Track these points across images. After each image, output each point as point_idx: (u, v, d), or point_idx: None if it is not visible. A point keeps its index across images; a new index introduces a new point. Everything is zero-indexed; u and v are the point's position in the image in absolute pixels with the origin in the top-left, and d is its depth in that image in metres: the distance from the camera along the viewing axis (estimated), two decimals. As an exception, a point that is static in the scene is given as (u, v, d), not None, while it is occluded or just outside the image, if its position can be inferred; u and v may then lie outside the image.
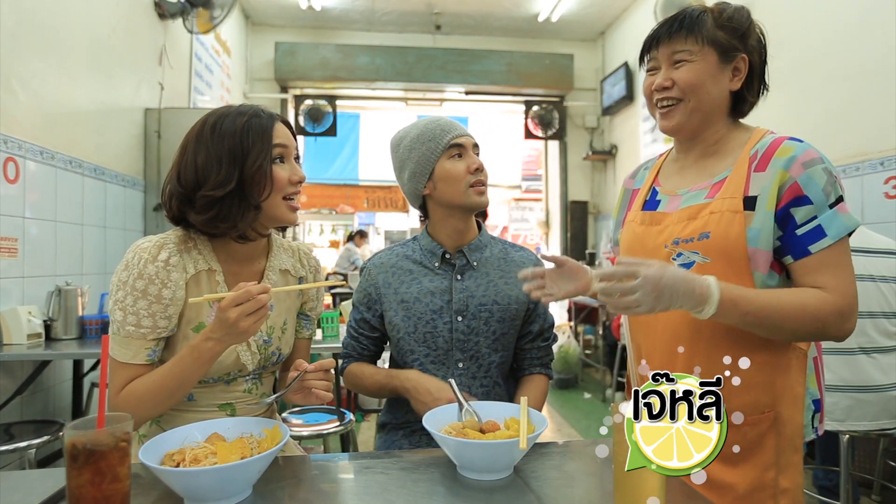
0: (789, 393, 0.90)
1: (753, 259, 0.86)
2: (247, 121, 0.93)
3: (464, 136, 1.18)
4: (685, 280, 0.79)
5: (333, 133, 5.62)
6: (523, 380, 1.26)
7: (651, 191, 1.04)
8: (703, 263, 0.89)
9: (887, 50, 2.60)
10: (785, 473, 0.89)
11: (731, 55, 0.91)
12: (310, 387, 0.92)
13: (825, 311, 0.83)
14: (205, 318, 0.95)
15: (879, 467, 2.29)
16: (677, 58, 0.92)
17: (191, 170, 0.92)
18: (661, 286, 0.76)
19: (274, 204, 0.95)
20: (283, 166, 0.96)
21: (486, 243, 1.25)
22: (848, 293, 0.84)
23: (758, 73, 0.94)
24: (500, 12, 5.41)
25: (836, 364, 1.76)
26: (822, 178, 0.85)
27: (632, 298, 0.77)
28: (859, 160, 2.74)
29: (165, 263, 0.91)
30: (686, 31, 0.91)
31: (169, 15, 3.55)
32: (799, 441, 0.92)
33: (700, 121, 0.94)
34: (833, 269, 0.85)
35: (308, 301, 1.13)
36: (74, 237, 2.66)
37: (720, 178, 0.93)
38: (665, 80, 0.93)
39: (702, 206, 0.91)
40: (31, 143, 2.32)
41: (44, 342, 2.13)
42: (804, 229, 0.85)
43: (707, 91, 0.92)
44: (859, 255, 1.78)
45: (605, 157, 5.79)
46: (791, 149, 0.87)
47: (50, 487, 0.74)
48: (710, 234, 0.88)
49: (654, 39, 0.95)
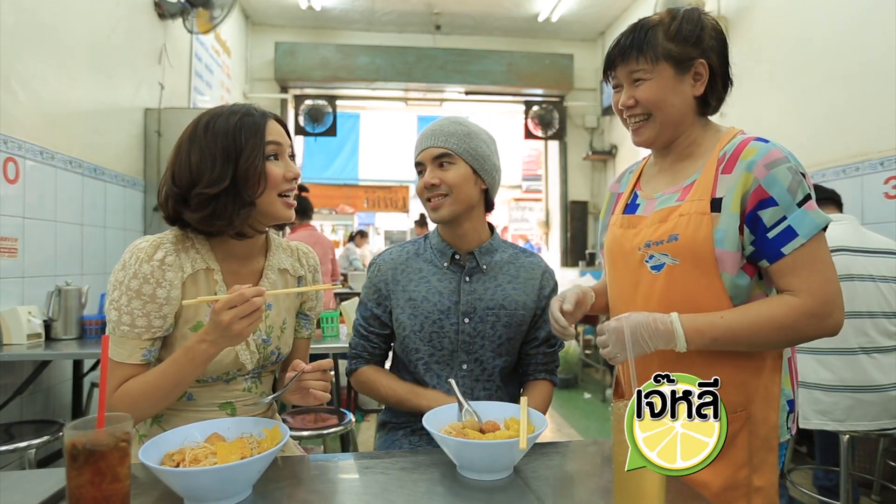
0: (763, 393, 0.91)
1: (721, 260, 0.87)
2: (239, 119, 0.93)
3: (422, 153, 1.19)
4: (646, 323, 0.85)
5: (333, 133, 5.62)
6: (528, 385, 1.26)
7: (632, 195, 1.06)
8: (672, 265, 0.90)
9: (887, 50, 2.60)
10: (759, 472, 0.90)
11: (686, 64, 0.92)
12: (307, 387, 0.92)
13: (794, 317, 0.84)
14: (203, 317, 0.95)
15: (879, 467, 2.29)
16: (635, 77, 0.94)
17: (185, 169, 0.92)
18: (622, 336, 0.84)
19: (269, 201, 0.95)
20: (277, 163, 0.96)
21: (498, 247, 1.25)
22: (819, 292, 0.84)
23: (720, 73, 0.95)
24: (500, 12, 5.41)
25: (836, 364, 1.76)
26: (786, 177, 0.85)
27: (608, 350, 0.88)
28: (859, 160, 2.74)
29: (161, 263, 0.91)
30: (637, 52, 0.92)
31: (169, 15, 3.55)
32: (774, 441, 0.92)
33: (671, 131, 0.96)
34: (807, 269, 0.84)
35: (307, 301, 1.13)
36: (74, 237, 2.66)
37: (690, 180, 0.94)
38: (628, 99, 0.95)
39: (672, 209, 0.93)
40: (30, 143, 2.32)
41: (44, 342, 2.13)
42: (775, 231, 0.85)
43: (670, 104, 0.93)
44: (859, 256, 1.78)
45: (604, 157, 5.79)
46: (755, 150, 0.87)
47: (50, 487, 0.74)
48: (678, 237, 0.89)
49: (610, 60, 0.97)
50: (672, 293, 0.90)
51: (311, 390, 0.92)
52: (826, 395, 1.76)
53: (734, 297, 0.88)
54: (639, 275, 0.95)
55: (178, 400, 0.96)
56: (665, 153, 1.01)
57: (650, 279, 0.93)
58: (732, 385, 0.89)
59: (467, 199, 1.17)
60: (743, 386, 0.90)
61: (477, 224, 1.22)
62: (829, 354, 1.77)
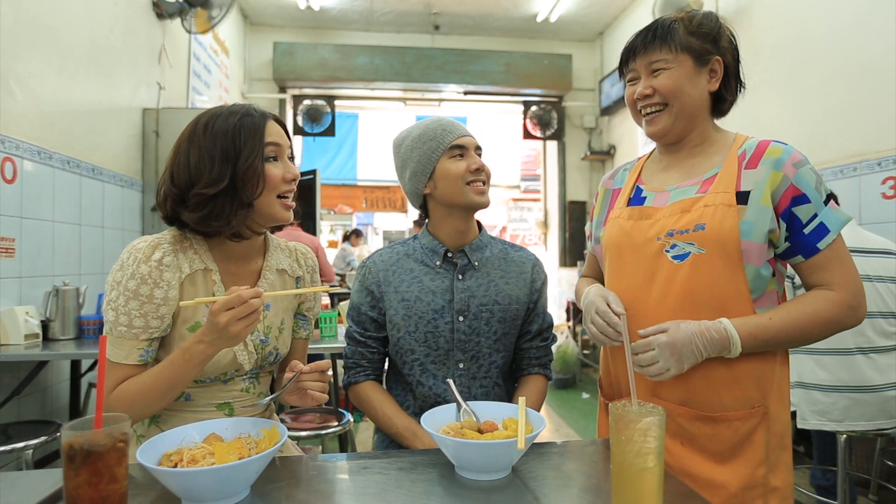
0: (777, 389, 0.92)
1: (746, 251, 0.89)
2: (239, 120, 0.93)
3: (465, 137, 1.19)
4: (700, 333, 0.86)
5: (332, 133, 5.61)
6: (522, 380, 1.25)
7: (635, 189, 1.06)
8: (698, 254, 0.90)
9: (885, 51, 2.60)
10: (775, 472, 0.90)
11: (705, 59, 0.96)
12: (305, 388, 0.92)
13: (836, 311, 0.88)
14: (201, 317, 0.95)
15: (877, 467, 2.29)
16: (655, 67, 0.96)
17: (184, 169, 0.92)
18: (678, 348, 0.85)
19: (268, 202, 0.95)
20: (276, 164, 0.96)
21: (487, 243, 1.25)
22: (852, 284, 0.89)
23: (733, 73, 0.99)
24: (499, 12, 5.41)
25: (833, 364, 1.77)
26: (812, 177, 0.90)
27: (658, 366, 0.87)
28: (857, 161, 2.75)
29: (159, 263, 0.91)
30: (660, 42, 0.95)
31: (167, 15, 3.54)
32: (788, 439, 0.93)
33: (685, 123, 0.98)
34: (838, 263, 0.90)
35: (305, 301, 1.13)
36: (72, 237, 2.65)
37: (710, 174, 0.96)
38: (646, 89, 0.97)
39: (695, 200, 0.94)
40: (28, 142, 2.32)
41: (41, 342, 2.13)
42: (810, 227, 0.89)
43: (687, 94, 0.95)
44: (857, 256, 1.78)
45: (603, 157, 5.80)
46: (780, 149, 0.91)
47: (47, 488, 0.74)
48: (705, 226, 0.90)
49: (630, 51, 1.00)
50: (695, 283, 0.90)
51: (308, 391, 0.92)
52: (824, 396, 1.77)
53: (753, 289, 0.90)
54: (656, 265, 0.94)
55: (176, 400, 0.96)
56: (676, 148, 1.03)
57: (670, 269, 0.93)
58: (751, 380, 0.90)
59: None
60: (760, 381, 0.91)
61: (472, 222, 1.23)
62: (826, 355, 1.78)
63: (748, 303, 0.89)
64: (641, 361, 0.88)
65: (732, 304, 0.89)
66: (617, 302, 0.94)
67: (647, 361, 0.88)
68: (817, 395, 1.78)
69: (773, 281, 0.93)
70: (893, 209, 2.55)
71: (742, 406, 0.90)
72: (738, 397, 0.90)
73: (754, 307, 0.90)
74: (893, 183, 2.56)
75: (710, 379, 0.90)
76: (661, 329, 0.88)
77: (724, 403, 0.90)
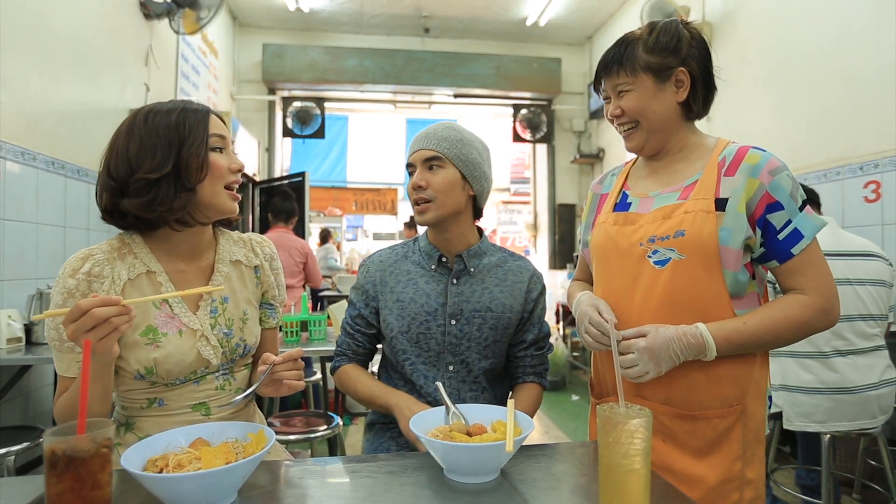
0: (755, 387, 0.95)
1: (724, 257, 0.91)
2: (181, 111, 0.94)
3: (414, 154, 1.20)
4: (677, 338, 0.89)
5: (321, 135, 5.60)
6: (516, 388, 1.26)
7: (621, 194, 1.09)
8: (678, 260, 0.93)
9: (868, 57, 2.66)
10: (750, 465, 0.94)
11: (666, 74, 0.97)
12: (280, 378, 0.91)
13: (808, 315, 0.91)
14: (152, 320, 0.93)
15: (860, 466, 2.33)
16: (619, 89, 1.00)
17: (122, 161, 0.91)
18: (656, 353, 0.89)
19: (215, 192, 0.95)
20: (221, 155, 0.97)
21: (486, 251, 1.26)
22: (825, 289, 0.92)
23: (701, 79, 0.99)
24: (489, 16, 5.44)
25: (816, 367, 1.79)
26: (787, 183, 0.92)
27: (638, 369, 0.90)
28: (839, 165, 2.80)
29: (87, 275, 0.90)
30: (618, 67, 0.99)
31: (155, 15, 3.51)
32: (762, 433, 0.97)
33: (659, 136, 1.01)
34: (811, 268, 0.92)
35: (268, 290, 1.12)
36: (56, 239, 2.62)
37: (691, 181, 0.98)
38: (615, 109, 1.02)
39: (675, 206, 0.96)
40: (11, 143, 2.28)
41: (24, 347, 2.09)
42: (784, 233, 0.91)
43: (653, 111, 0.98)
44: (837, 259, 1.82)
45: (592, 160, 5.84)
46: (757, 157, 0.93)
47: (29, 495, 0.73)
48: (685, 232, 0.92)
49: (597, 76, 1.05)
50: (676, 288, 0.93)
51: (284, 381, 0.91)
52: (808, 398, 1.80)
53: (734, 293, 0.92)
54: (639, 270, 0.97)
55: (150, 406, 0.95)
56: (658, 156, 1.05)
57: (652, 274, 0.95)
58: (730, 379, 0.93)
59: (454, 205, 1.17)
60: (738, 380, 0.94)
61: (464, 229, 1.23)
62: (809, 358, 1.81)
63: (728, 305, 0.92)
64: (623, 364, 0.91)
65: (713, 308, 0.92)
66: (607, 310, 0.97)
67: (627, 364, 0.91)
68: (801, 397, 1.80)
69: (753, 284, 0.96)
70: (876, 213, 2.60)
71: (721, 405, 0.93)
72: (717, 396, 0.93)
73: (734, 310, 0.92)
74: (875, 187, 2.61)
75: (691, 379, 0.93)
76: (642, 332, 0.91)
77: (703, 402, 0.93)
